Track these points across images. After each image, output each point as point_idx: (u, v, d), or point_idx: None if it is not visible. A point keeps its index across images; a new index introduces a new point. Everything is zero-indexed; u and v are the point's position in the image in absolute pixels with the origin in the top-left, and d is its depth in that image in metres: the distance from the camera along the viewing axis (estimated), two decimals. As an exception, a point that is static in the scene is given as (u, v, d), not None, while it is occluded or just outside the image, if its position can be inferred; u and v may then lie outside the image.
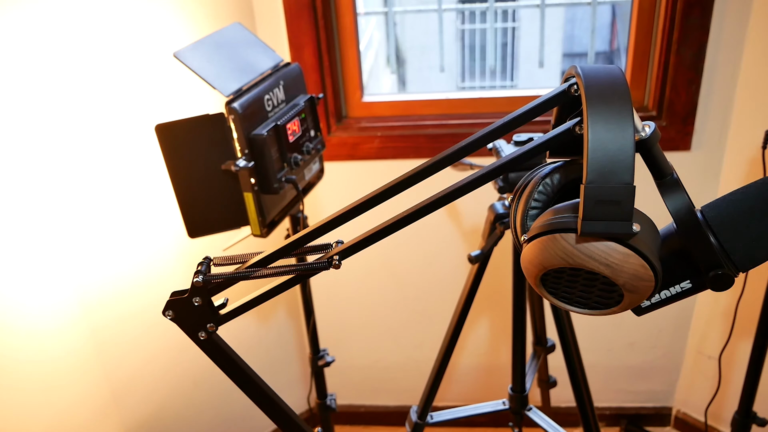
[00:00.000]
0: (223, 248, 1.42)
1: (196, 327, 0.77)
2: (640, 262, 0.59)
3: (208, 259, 0.77)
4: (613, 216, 0.57)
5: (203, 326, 0.77)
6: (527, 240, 0.64)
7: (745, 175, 1.72)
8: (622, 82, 0.59)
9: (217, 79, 1.18)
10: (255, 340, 2.01)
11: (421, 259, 2.00)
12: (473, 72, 7.60)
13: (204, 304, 0.76)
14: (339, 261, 0.71)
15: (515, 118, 0.66)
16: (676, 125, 1.72)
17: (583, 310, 0.66)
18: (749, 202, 0.64)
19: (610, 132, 0.56)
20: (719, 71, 1.67)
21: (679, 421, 2.16)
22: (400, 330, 2.13)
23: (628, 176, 0.56)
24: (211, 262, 0.77)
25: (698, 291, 0.67)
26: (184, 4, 1.53)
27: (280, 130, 1.22)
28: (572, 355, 1.42)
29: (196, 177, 1.21)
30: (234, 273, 0.74)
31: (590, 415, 1.47)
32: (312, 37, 1.71)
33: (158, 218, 1.56)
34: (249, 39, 1.33)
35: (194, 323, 0.77)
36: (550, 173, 0.71)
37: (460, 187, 0.68)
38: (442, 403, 2.24)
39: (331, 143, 1.83)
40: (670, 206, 0.63)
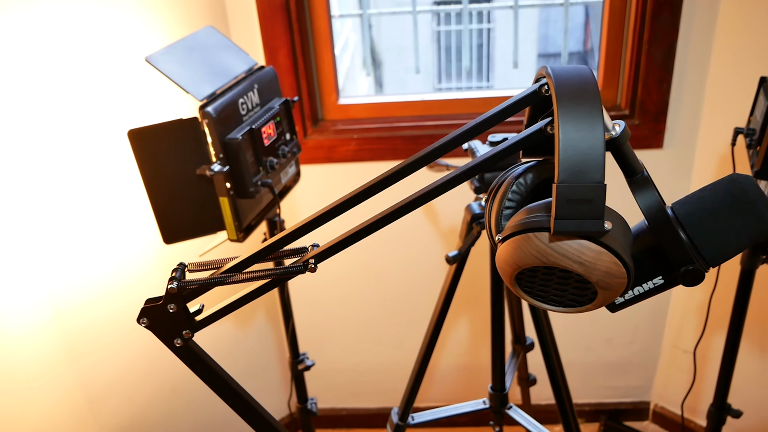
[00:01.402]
0: (200, 254, 1.41)
1: (172, 334, 0.77)
2: (612, 260, 0.60)
3: (182, 265, 0.77)
4: (585, 214, 0.57)
5: (179, 333, 0.77)
6: (501, 240, 0.65)
7: (715, 171, 1.75)
8: (591, 82, 0.60)
9: (191, 83, 1.17)
10: (234, 345, 2.00)
11: (400, 261, 2.00)
12: (449, 73, 7.63)
13: (179, 311, 0.75)
14: (315, 264, 0.71)
15: (488, 118, 0.67)
16: (648, 124, 1.75)
17: (558, 308, 0.66)
18: (718, 199, 0.65)
19: (581, 131, 0.57)
20: (689, 70, 1.69)
21: (657, 415, 2.18)
22: (380, 332, 2.13)
23: (599, 175, 0.56)
24: (186, 268, 0.77)
25: (670, 287, 0.68)
26: (157, 8, 1.52)
27: (255, 134, 1.22)
28: (550, 353, 1.43)
29: (170, 182, 1.20)
30: (209, 279, 0.73)
31: (569, 411, 1.48)
32: (286, 40, 1.70)
33: (133, 224, 1.55)
34: (222, 42, 1.32)
35: (169, 330, 0.77)
36: (523, 173, 0.72)
37: (435, 188, 0.68)
38: (423, 404, 2.24)
39: (307, 146, 1.83)
40: (641, 204, 0.64)
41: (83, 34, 1.38)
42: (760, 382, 1.86)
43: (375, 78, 7.64)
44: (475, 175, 0.73)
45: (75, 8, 1.35)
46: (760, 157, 1.15)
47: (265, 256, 0.74)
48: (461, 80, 7.46)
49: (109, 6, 1.42)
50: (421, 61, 7.43)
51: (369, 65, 2.01)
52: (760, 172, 1.15)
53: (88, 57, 1.40)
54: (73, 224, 1.42)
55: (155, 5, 1.51)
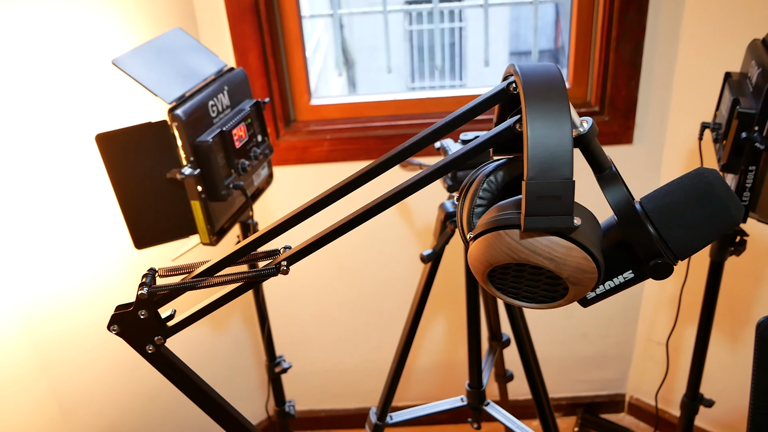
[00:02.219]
0: (172, 258, 1.40)
1: (143, 340, 0.76)
2: (582, 255, 0.60)
3: (152, 271, 0.76)
4: (554, 211, 0.58)
5: (150, 339, 0.76)
6: (473, 238, 0.65)
7: (684, 165, 1.78)
8: (558, 80, 0.60)
9: (159, 85, 1.16)
10: (210, 349, 1.98)
11: (376, 261, 2.00)
12: (422, 72, 7.64)
13: (150, 317, 0.74)
14: (287, 266, 0.71)
15: (457, 117, 0.67)
16: (618, 120, 1.77)
17: (531, 304, 0.67)
18: (685, 193, 0.66)
19: (549, 129, 0.57)
20: (656, 67, 1.71)
21: (633, 406, 2.21)
22: (357, 332, 2.13)
23: (568, 171, 0.57)
24: (156, 274, 0.76)
25: (640, 280, 0.69)
26: (124, 10, 1.50)
27: (226, 136, 1.21)
28: (526, 349, 1.44)
29: (140, 186, 1.18)
30: (179, 284, 0.72)
31: (546, 406, 1.49)
32: (257, 41, 1.69)
33: (103, 230, 1.52)
34: (191, 44, 1.31)
35: (141, 337, 0.76)
36: (493, 171, 0.72)
37: (407, 187, 0.68)
38: (402, 403, 2.25)
39: (280, 147, 1.82)
40: (610, 199, 0.65)
41: (49, 37, 1.35)
42: (731, 371, 1.90)
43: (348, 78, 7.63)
44: (446, 174, 0.73)
45: (40, 10, 1.33)
46: (726, 150, 1.17)
47: (237, 259, 0.73)
48: (434, 79, 7.48)
49: (76, 7, 1.39)
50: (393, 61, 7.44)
51: (341, 65, 2.01)
52: (726, 165, 1.17)
53: (53, 59, 1.37)
54: (41, 231, 1.40)
55: (123, 7, 1.49)
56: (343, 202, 0.71)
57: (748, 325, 1.82)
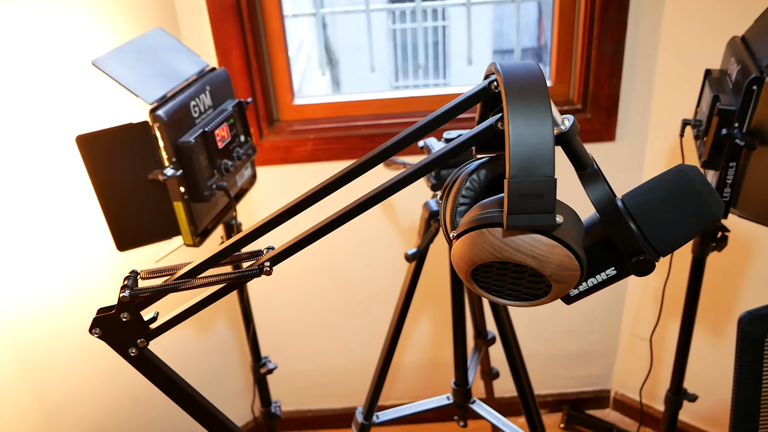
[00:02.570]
0: (155, 260, 1.39)
1: (126, 343, 0.75)
2: (565, 253, 0.61)
3: (134, 273, 0.75)
4: (536, 209, 0.58)
5: (133, 342, 0.75)
6: (456, 236, 0.65)
7: (666, 162, 1.79)
8: (539, 78, 0.60)
9: (140, 86, 1.15)
10: (195, 351, 1.97)
11: (361, 260, 2.00)
12: (406, 71, 7.65)
13: (133, 320, 0.74)
14: (270, 267, 0.70)
15: (439, 115, 0.67)
16: (601, 117, 1.78)
17: (514, 302, 0.67)
18: (665, 190, 0.66)
19: (530, 127, 0.58)
20: (638, 64, 1.73)
21: (618, 402, 2.23)
22: (343, 332, 2.13)
23: (549, 169, 0.57)
24: (138, 276, 0.75)
25: (623, 277, 0.70)
26: (105, 10, 1.48)
27: (209, 137, 1.20)
28: (511, 347, 1.45)
29: (122, 188, 1.17)
30: (162, 286, 0.72)
31: (531, 403, 1.50)
32: (239, 41, 1.68)
33: (85, 232, 1.51)
34: (172, 44, 1.30)
35: (124, 340, 0.75)
36: (476, 169, 0.72)
37: (390, 186, 0.68)
38: (388, 402, 2.25)
39: (263, 147, 1.81)
40: (592, 196, 0.65)
41: (29, 37, 1.34)
42: (714, 366, 1.92)
43: (332, 77, 7.61)
44: (429, 172, 0.73)
45: (19, 9, 1.31)
46: (706, 147, 1.18)
47: (220, 260, 0.73)
48: (418, 78, 7.49)
49: (56, 7, 1.38)
50: (377, 60, 7.43)
51: (324, 65, 2.01)
52: (707, 161, 1.18)
53: (32, 60, 1.36)
54: (22, 234, 1.38)
55: (103, 7, 1.48)
56: (326, 201, 0.71)
57: (731, 320, 1.84)
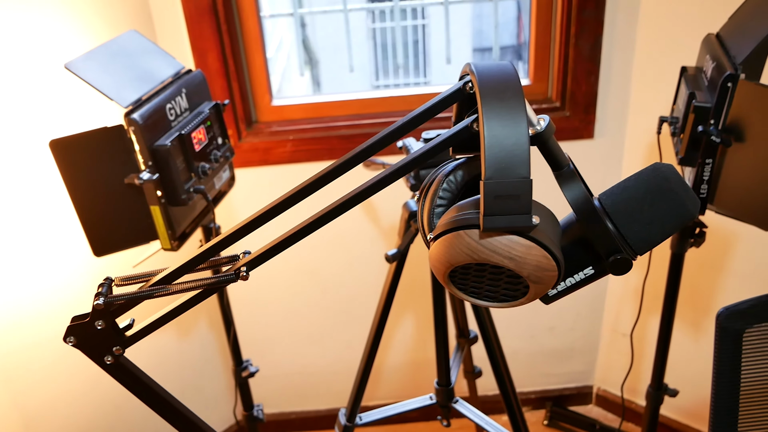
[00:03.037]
0: (133, 264, 1.37)
1: (102, 351, 0.74)
2: (542, 253, 0.61)
3: (109, 280, 0.74)
4: (513, 210, 0.58)
5: (109, 350, 0.74)
6: (433, 238, 0.65)
7: (645, 159, 1.81)
8: (514, 78, 0.60)
9: (114, 89, 1.13)
10: (177, 355, 1.95)
11: (342, 260, 1.99)
12: (387, 70, 7.64)
13: (108, 327, 0.72)
14: (246, 272, 0.70)
15: (414, 117, 0.66)
16: (579, 115, 1.79)
17: (493, 303, 0.67)
18: (641, 188, 0.66)
19: (505, 128, 0.57)
20: (615, 62, 1.74)
21: (600, 398, 2.24)
22: (325, 332, 2.12)
23: (525, 170, 0.57)
24: (113, 283, 0.74)
25: (601, 276, 0.70)
26: (79, 12, 1.46)
27: (185, 140, 1.19)
28: (492, 345, 1.45)
29: (98, 193, 1.16)
30: (137, 293, 0.71)
31: (513, 401, 1.50)
32: (215, 42, 1.67)
33: (61, 237, 1.49)
34: (147, 46, 1.28)
35: (99, 348, 0.74)
36: (453, 170, 0.72)
37: (367, 188, 0.68)
38: (372, 402, 2.24)
39: (242, 149, 1.79)
40: (568, 196, 0.65)
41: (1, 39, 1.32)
42: (694, 360, 1.93)
43: (312, 76, 7.58)
44: (407, 173, 0.72)
45: (-13, 14, 1.29)
46: (683, 144, 1.19)
47: (196, 265, 0.72)
48: (398, 77, 7.49)
49: (28, 9, 1.36)
50: (357, 59, 7.42)
51: (301, 65, 1.99)
52: (684, 159, 1.19)
53: (4, 62, 1.33)
54: (-4, 240, 1.36)
55: (77, 9, 1.46)
56: (303, 203, 0.70)
57: (710, 315, 1.86)
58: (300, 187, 0.69)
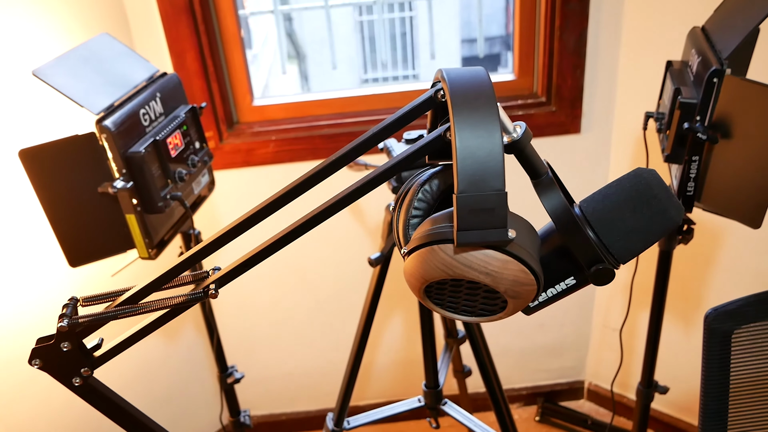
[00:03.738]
0: (111, 273, 1.34)
1: (69, 373, 0.71)
2: (519, 268, 0.58)
3: (74, 300, 0.71)
4: (487, 224, 0.55)
5: (77, 372, 0.71)
6: (406, 253, 0.62)
7: (633, 153, 1.79)
8: (487, 86, 0.58)
9: (85, 96, 1.10)
10: (163, 360, 1.92)
11: (329, 262, 1.97)
12: (375, 63, 7.60)
13: (74, 349, 0.70)
14: (216, 290, 0.67)
15: (384, 128, 0.64)
16: (565, 109, 1.76)
17: (471, 317, 0.64)
18: (623, 195, 0.64)
19: (478, 138, 0.55)
20: (601, 55, 1.71)
21: (592, 393, 2.23)
22: (313, 334, 2.10)
23: (499, 183, 0.54)
24: (78, 303, 0.71)
25: (583, 286, 0.68)
26: (52, 14, 1.42)
27: (160, 146, 1.16)
28: (479, 345, 1.43)
29: (71, 202, 1.13)
30: (102, 314, 0.68)
31: (500, 398, 1.47)
32: (193, 43, 1.63)
33: (37, 248, 1.45)
34: (119, 50, 1.25)
35: (66, 370, 0.71)
36: (428, 180, 0.69)
37: (340, 199, 0.65)
38: (363, 402, 2.23)
39: (224, 150, 1.76)
40: (547, 206, 0.62)
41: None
42: (685, 354, 1.92)
43: (300, 71, 7.54)
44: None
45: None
46: (669, 141, 1.17)
47: (164, 283, 0.69)
48: (386, 70, 7.45)
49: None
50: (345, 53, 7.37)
51: (284, 63, 1.95)
52: (670, 156, 1.17)
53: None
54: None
55: (49, 10, 1.42)
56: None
57: (700, 309, 1.84)
58: (266, 203, 0.66)
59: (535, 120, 1.77)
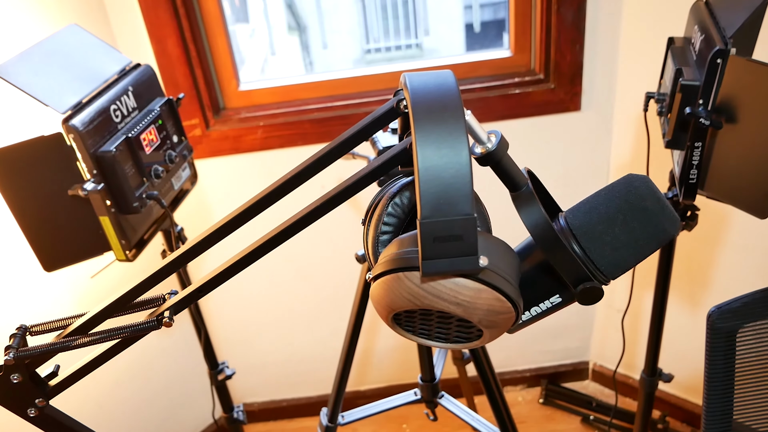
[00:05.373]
0: (91, 275, 1.30)
1: (23, 405, 0.67)
2: (493, 296, 0.53)
3: (23, 329, 0.67)
4: (455, 252, 0.50)
5: (31, 403, 0.67)
6: (372, 279, 0.57)
7: (636, 131, 1.71)
8: (453, 95, 0.51)
9: (50, 93, 1.04)
10: (160, 352, 1.89)
11: (324, 250, 1.92)
12: (378, 32, 7.45)
13: (26, 380, 0.65)
14: (170, 318, 0.62)
15: (347, 139, 0.58)
16: (564, 86, 1.69)
17: (446, 344, 0.59)
18: (613, 206, 0.59)
19: (443, 158, 0.49)
20: (601, 29, 1.63)
21: (596, 373, 2.19)
22: (310, 321, 2.06)
23: (467, 207, 0.48)
24: (28, 332, 0.66)
25: (570, 303, 0.63)
26: (26, 1, 1.36)
27: (133, 143, 1.10)
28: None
29: (42, 205, 1.08)
30: (51, 344, 0.63)
31: (492, 381, 1.41)
32: (174, 28, 1.56)
33: (9, 253, 1.40)
34: (89, 41, 1.19)
35: (19, 401, 0.67)
36: (399, 191, 0.64)
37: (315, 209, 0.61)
38: (364, 387, 2.20)
39: (211, 138, 1.70)
40: (526, 221, 0.57)
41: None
42: (691, 335, 1.87)
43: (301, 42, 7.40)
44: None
45: None
46: (670, 126, 1.10)
47: (117, 310, 0.65)
48: (389, 39, 7.30)
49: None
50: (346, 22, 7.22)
51: (273, 45, 1.87)
52: (671, 141, 1.10)
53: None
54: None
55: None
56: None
57: (706, 289, 1.79)
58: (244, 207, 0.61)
59: (533, 98, 1.70)
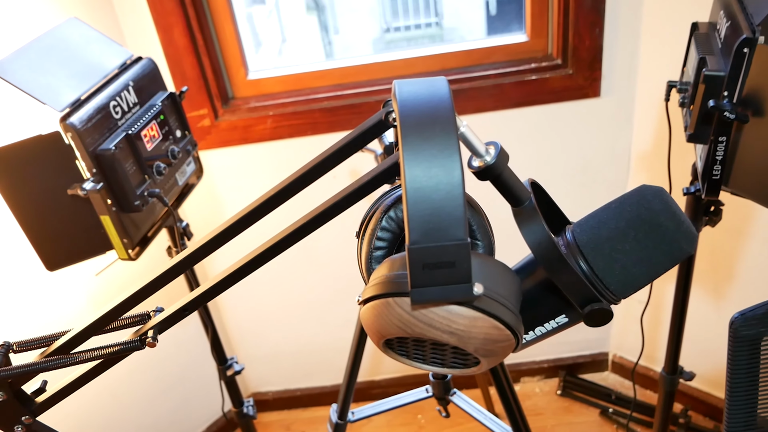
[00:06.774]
0: (96, 273, 1.28)
1: (10, 422, 0.65)
2: (490, 324, 0.49)
3: (6, 346, 0.64)
4: (447, 279, 0.46)
5: (17, 420, 0.65)
6: (361, 302, 0.53)
7: (657, 120, 1.65)
8: (445, 107, 0.47)
9: (47, 91, 1.02)
10: (173, 344, 1.89)
11: (336, 239, 1.89)
12: (397, 11, 7.35)
13: (10, 398, 0.63)
14: (154, 338, 0.60)
15: (334, 153, 0.55)
16: (583, 72, 1.62)
17: (443, 369, 0.56)
18: (624, 220, 0.54)
19: (432, 178, 0.45)
20: (622, 12, 1.56)
21: (616, 365, 2.15)
22: (323, 311, 2.04)
23: (459, 231, 0.45)
24: (11, 349, 0.64)
25: (576, 323, 0.58)
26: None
27: (133, 140, 1.07)
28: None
29: (43, 205, 1.06)
30: (33, 364, 0.61)
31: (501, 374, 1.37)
32: (180, 16, 1.53)
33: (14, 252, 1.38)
34: (88, 35, 1.16)
35: (5, 419, 0.65)
36: (394, 204, 0.60)
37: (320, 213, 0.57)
38: (378, 377, 2.18)
39: (220, 128, 1.67)
40: (528, 239, 0.53)
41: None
42: (715, 327, 1.82)
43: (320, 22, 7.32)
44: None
45: None
46: (693, 118, 1.04)
47: (102, 327, 0.62)
48: (409, 18, 7.19)
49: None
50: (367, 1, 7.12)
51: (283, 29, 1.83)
52: (693, 135, 1.04)
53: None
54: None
55: (17, -8, 1.33)
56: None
57: (731, 281, 1.73)
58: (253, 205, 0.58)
59: (550, 84, 1.64)
